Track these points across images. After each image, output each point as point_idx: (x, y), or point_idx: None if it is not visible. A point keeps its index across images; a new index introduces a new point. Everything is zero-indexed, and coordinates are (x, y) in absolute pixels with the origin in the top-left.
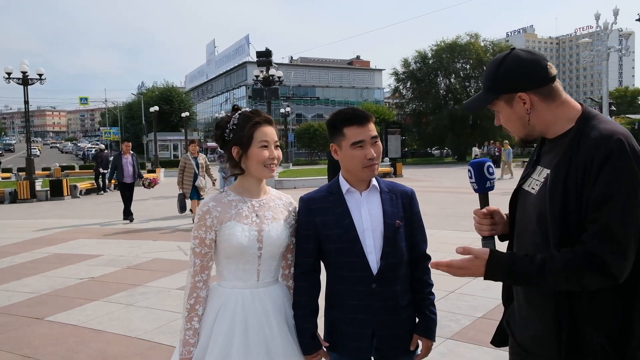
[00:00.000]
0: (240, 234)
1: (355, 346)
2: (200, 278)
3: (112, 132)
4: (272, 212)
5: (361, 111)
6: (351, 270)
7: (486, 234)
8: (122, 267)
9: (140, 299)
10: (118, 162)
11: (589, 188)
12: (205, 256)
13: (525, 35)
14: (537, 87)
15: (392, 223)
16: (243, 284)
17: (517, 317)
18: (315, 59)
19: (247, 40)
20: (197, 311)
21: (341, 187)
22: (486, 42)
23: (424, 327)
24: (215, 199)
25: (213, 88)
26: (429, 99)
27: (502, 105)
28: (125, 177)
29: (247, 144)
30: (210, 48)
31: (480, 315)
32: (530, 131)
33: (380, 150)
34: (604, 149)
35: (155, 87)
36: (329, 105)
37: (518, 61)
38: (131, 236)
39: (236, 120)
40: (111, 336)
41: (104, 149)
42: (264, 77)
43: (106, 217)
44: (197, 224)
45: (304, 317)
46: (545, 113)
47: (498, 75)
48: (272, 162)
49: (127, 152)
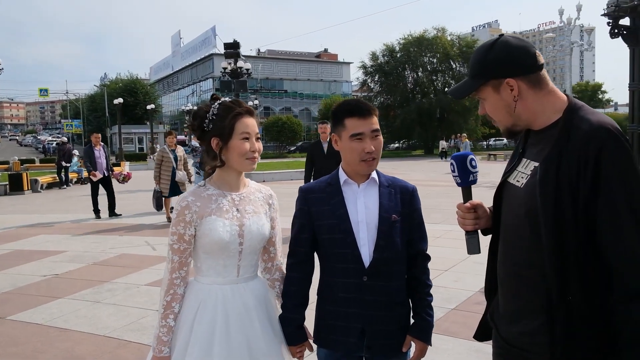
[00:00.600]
0: (222, 229)
1: (344, 341)
2: (179, 275)
3: (74, 125)
4: (253, 205)
5: (365, 103)
6: (343, 262)
7: (469, 229)
8: (87, 264)
9: (108, 296)
10: (91, 155)
11: (584, 181)
12: (184, 252)
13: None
14: (526, 73)
15: (387, 217)
16: (223, 280)
17: (503, 312)
18: (283, 52)
19: (213, 32)
20: (174, 309)
21: (339, 178)
22: (453, 36)
23: (419, 329)
24: (194, 193)
25: (179, 80)
26: (396, 92)
27: (488, 92)
28: (99, 170)
29: (228, 135)
30: (176, 39)
31: (453, 307)
32: (516, 120)
33: (380, 144)
34: (596, 143)
35: (118, 79)
36: (297, 98)
37: (507, 47)
38: (96, 231)
39: (216, 110)
40: (78, 335)
41: (66, 141)
42: (232, 69)
43: (70, 211)
44: (175, 219)
45: (293, 307)
46: (532, 101)
47: (487, 61)
48: (254, 154)
49: (97, 144)
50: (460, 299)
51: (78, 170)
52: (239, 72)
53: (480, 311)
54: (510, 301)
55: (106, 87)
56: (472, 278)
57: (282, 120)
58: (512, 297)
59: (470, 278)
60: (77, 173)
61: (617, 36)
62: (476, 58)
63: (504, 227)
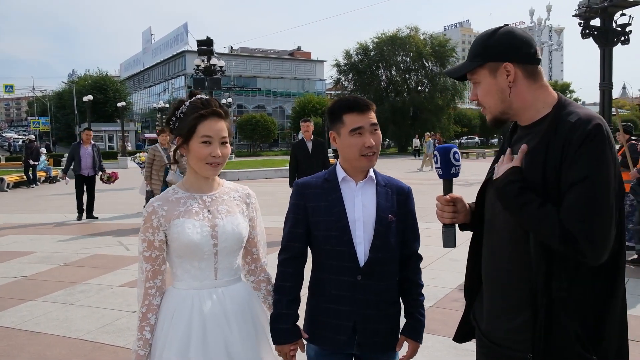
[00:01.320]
0: (191, 230)
1: (335, 338)
2: (153, 284)
3: (41, 122)
4: (226, 205)
5: (362, 99)
6: (338, 260)
7: (447, 222)
8: (58, 265)
9: (81, 297)
10: (76, 153)
11: (565, 169)
12: (156, 260)
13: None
14: (524, 62)
15: (384, 217)
16: (200, 284)
17: (487, 309)
18: (256, 50)
19: (185, 29)
20: (149, 320)
21: (337, 175)
22: (425, 35)
23: (412, 329)
24: (161, 197)
25: (150, 77)
26: (370, 90)
27: (484, 74)
28: (83, 168)
29: (188, 136)
30: (147, 36)
31: (432, 304)
32: (507, 108)
33: (379, 139)
34: (582, 132)
35: (87, 75)
36: (270, 96)
37: (511, 34)
38: (67, 231)
39: (184, 108)
40: (51, 338)
41: (33, 139)
42: (205, 67)
43: (39, 211)
44: (143, 226)
45: (288, 304)
46: (525, 91)
47: (488, 43)
48: (215, 160)
49: (87, 142)
50: (438, 297)
51: (46, 168)
52: (213, 70)
53: (459, 308)
54: (494, 298)
55: (75, 84)
56: (449, 275)
57: (255, 119)
58: (497, 294)
59: (448, 275)
60: (45, 172)
61: (588, 36)
62: (478, 40)
63: (489, 224)
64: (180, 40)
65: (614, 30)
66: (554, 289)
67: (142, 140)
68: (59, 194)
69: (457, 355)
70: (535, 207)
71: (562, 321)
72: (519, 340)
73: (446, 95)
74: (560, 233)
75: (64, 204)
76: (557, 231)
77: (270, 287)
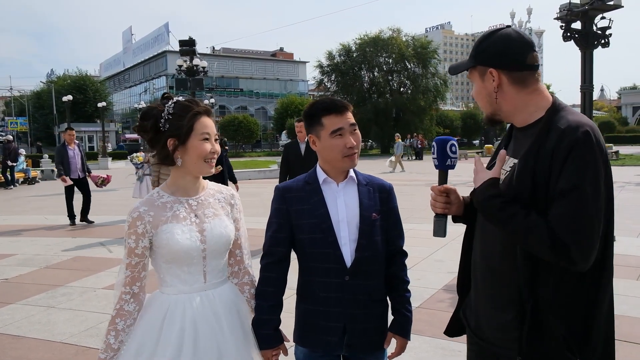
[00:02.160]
0: (181, 236)
1: (325, 340)
2: (129, 290)
3: (19, 123)
4: (212, 208)
5: (339, 100)
6: (324, 262)
7: (439, 212)
8: (39, 267)
9: (63, 300)
10: (64, 155)
11: (554, 176)
12: (137, 267)
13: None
14: (509, 69)
15: (368, 215)
16: (190, 288)
17: (475, 307)
18: (238, 50)
19: (166, 29)
20: (117, 325)
21: (318, 177)
22: (407, 37)
23: (399, 325)
24: (146, 202)
25: (131, 77)
26: (353, 92)
27: (476, 76)
28: (73, 171)
29: (186, 135)
30: (127, 35)
31: (417, 305)
32: (497, 110)
33: (359, 138)
34: (570, 139)
35: (67, 75)
36: (252, 97)
37: (503, 39)
38: (47, 233)
39: (172, 109)
40: (32, 342)
41: (11, 139)
42: (187, 67)
43: (17, 213)
44: (127, 232)
45: (270, 309)
46: (513, 97)
47: (480, 46)
48: (213, 156)
49: (71, 142)
50: (424, 297)
51: (25, 169)
52: (195, 70)
53: (444, 309)
54: (483, 296)
55: (53, 84)
56: (434, 276)
57: (238, 120)
58: (485, 292)
59: (433, 276)
60: (23, 173)
61: (569, 39)
62: (476, 41)
63: (480, 223)
64: (162, 40)
65: (594, 33)
66: (541, 292)
67: (123, 140)
68: (38, 195)
69: (443, 355)
70: (521, 219)
71: (549, 323)
72: (506, 339)
73: (428, 97)
74: (550, 243)
75: (43, 205)
76: (546, 241)
77: (253, 291)
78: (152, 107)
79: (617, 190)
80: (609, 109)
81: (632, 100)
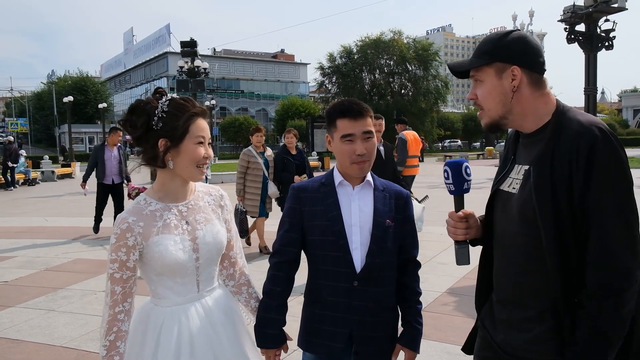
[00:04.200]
0: (174, 247)
1: (331, 346)
2: (122, 309)
3: (19, 124)
4: (203, 213)
5: (358, 104)
6: (334, 265)
7: (461, 239)
8: (39, 269)
9: (63, 303)
10: (99, 157)
11: (577, 181)
12: (128, 281)
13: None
14: (532, 69)
15: (382, 221)
16: (183, 299)
17: (500, 322)
18: (239, 52)
19: (167, 30)
20: (119, 349)
21: (334, 179)
22: (409, 39)
23: (409, 337)
24: (134, 211)
25: (132, 79)
26: (354, 94)
27: (490, 74)
28: (108, 175)
29: (181, 137)
30: (128, 37)
31: (422, 308)
32: (507, 113)
33: (373, 147)
34: (588, 139)
35: (67, 76)
36: (253, 98)
37: (523, 39)
38: (48, 235)
39: (166, 107)
40: (32, 346)
41: (12, 141)
42: (188, 68)
43: (18, 214)
44: (114, 244)
45: (277, 308)
46: (527, 98)
47: (501, 42)
48: (205, 162)
49: (112, 145)
50: (428, 301)
51: (25, 171)
52: (196, 72)
53: (449, 312)
54: (508, 310)
55: (54, 85)
56: (437, 279)
57: (239, 121)
58: (511, 306)
59: (436, 279)
60: (24, 174)
61: (573, 42)
62: (488, 38)
63: (499, 236)
64: (163, 41)
65: (598, 36)
66: (575, 297)
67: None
68: (38, 196)
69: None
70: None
71: None
72: (540, 351)
73: (429, 99)
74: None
75: (43, 207)
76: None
77: (252, 290)
78: (143, 101)
79: None
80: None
81: (632, 103)
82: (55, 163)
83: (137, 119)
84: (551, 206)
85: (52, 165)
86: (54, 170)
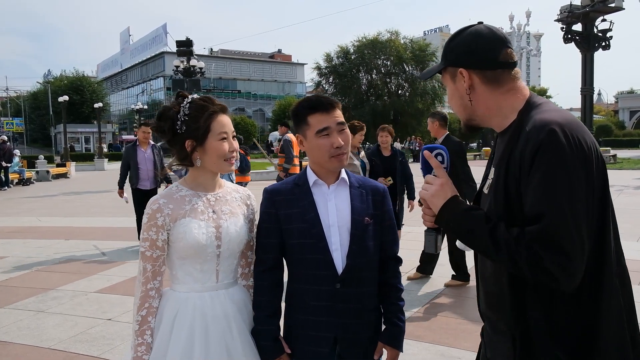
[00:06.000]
0: (197, 231)
1: (316, 351)
2: (153, 286)
3: (14, 123)
4: (229, 206)
5: (326, 97)
6: (314, 268)
7: (429, 225)
8: (30, 270)
9: (53, 304)
10: (131, 158)
11: (524, 185)
12: (158, 260)
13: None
14: (481, 68)
15: (360, 220)
16: (201, 286)
17: (487, 335)
18: (236, 52)
19: (164, 30)
20: (150, 324)
21: (308, 179)
22: (406, 39)
23: (391, 336)
24: (165, 195)
25: (128, 78)
26: (351, 94)
27: (447, 78)
28: (142, 179)
29: (204, 136)
30: (125, 36)
31: (417, 310)
32: (472, 114)
33: (348, 138)
34: (534, 143)
35: (63, 76)
36: (250, 98)
37: (473, 36)
38: (40, 235)
39: (187, 109)
40: (20, 348)
41: (6, 140)
42: (184, 68)
43: (10, 214)
44: (146, 224)
45: (266, 319)
46: (487, 97)
47: (450, 46)
48: (232, 155)
49: (144, 143)
50: (423, 302)
51: (19, 170)
52: (192, 71)
53: (444, 314)
54: (486, 322)
55: (50, 84)
56: (434, 280)
57: (235, 121)
58: (488, 318)
59: (433, 280)
60: (18, 174)
61: (570, 41)
62: (446, 41)
63: None
64: (159, 41)
65: (595, 36)
66: (531, 318)
67: (120, 142)
68: (31, 196)
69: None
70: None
71: (543, 350)
72: None
73: (426, 99)
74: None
75: (36, 207)
76: (523, 252)
77: None
78: (168, 107)
79: (615, 194)
80: (606, 113)
81: (629, 104)
82: (51, 163)
83: (164, 125)
84: (504, 210)
85: (47, 165)
86: (49, 170)
